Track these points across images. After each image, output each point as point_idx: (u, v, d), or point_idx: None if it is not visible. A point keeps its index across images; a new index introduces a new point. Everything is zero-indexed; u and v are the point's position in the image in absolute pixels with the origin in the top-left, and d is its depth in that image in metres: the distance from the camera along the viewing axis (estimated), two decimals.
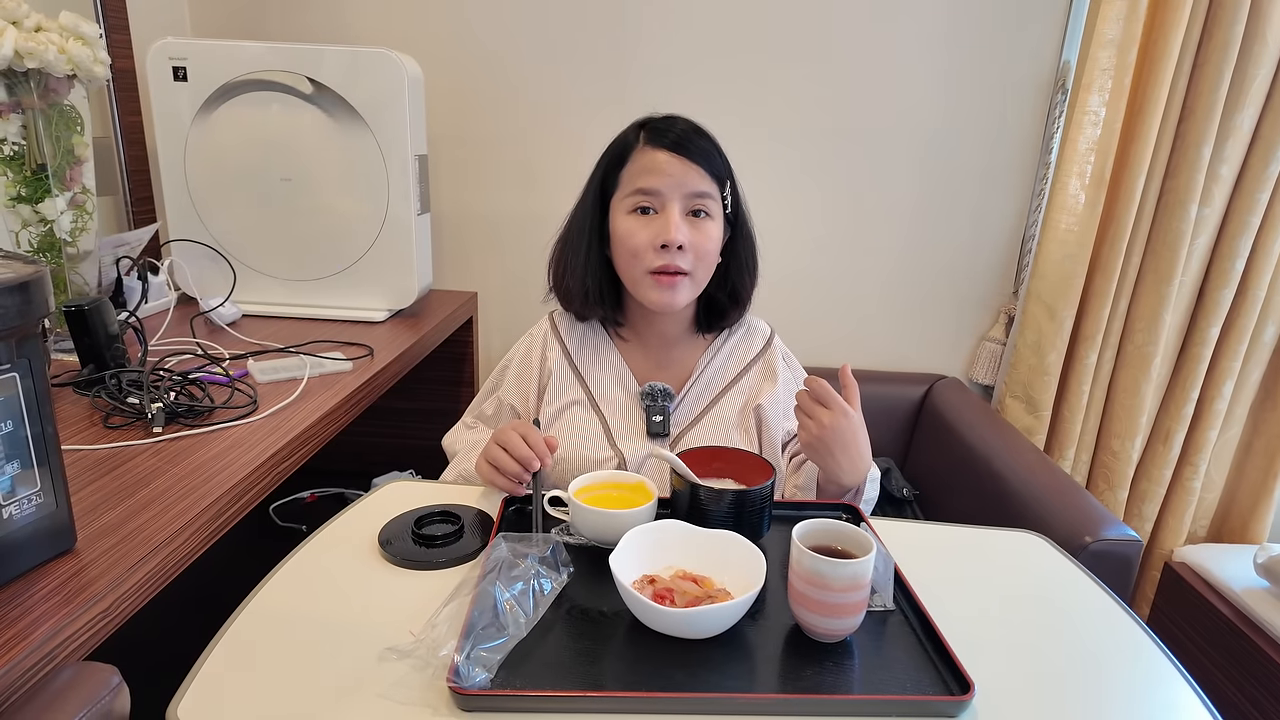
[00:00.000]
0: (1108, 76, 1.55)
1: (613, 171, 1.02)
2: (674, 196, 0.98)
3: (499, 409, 1.14)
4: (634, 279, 1.02)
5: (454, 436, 1.18)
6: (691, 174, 0.98)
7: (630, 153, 1.01)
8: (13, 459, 0.61)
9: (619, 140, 1.04)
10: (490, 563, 0.73)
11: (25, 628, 0.58)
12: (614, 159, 1.03)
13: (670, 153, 0.98)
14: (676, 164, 0.98)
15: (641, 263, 0.99)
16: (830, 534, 0.72)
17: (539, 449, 0.90)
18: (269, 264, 1.47)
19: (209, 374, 1.09)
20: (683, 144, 0.98)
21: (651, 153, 0.99)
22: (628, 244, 1.00)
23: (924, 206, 1.75)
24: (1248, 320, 1.62)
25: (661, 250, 0.97)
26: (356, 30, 1.70)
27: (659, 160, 0.98)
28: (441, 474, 1.11)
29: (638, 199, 0.99)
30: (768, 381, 1.09)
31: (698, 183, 0.98)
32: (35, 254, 1.16)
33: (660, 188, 0.98)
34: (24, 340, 0.61)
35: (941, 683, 0.65)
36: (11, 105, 1.09)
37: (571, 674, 0.64)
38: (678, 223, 0.97)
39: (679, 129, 1.00)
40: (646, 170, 0.99)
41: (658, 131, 1.00)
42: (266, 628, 0.69)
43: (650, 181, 0.98)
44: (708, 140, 1.01)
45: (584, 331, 1.12)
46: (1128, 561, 1.14)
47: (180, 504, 0.77)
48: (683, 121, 1.02)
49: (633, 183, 1.00)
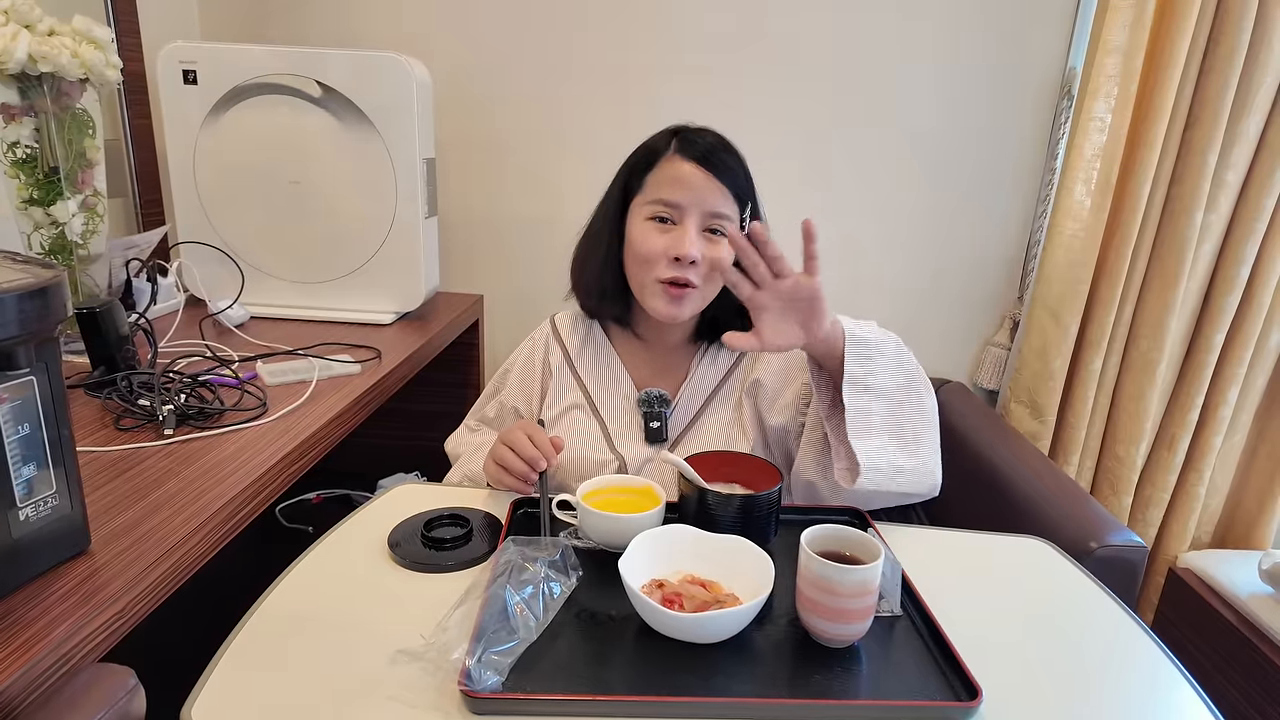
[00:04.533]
0: (1114, 83, 1.55)
1: (638, 174, 1.02)
2: (693, 211, 0.98)
3: (501, 411, 1.15)
4: (641, 285, 1.01)
5: (457, 440, 1.18)
6: (715, 192, 0.97)
7: (659, 158, 1.01)
8: (30, 461, 0.62)
9: (650, 143, 1.04)
10: (500, 566, 0.73)
11: (43, 628, 0.59)
12: (641, 161, 1.03)
13: (697, 165, 0.98)
14: (701, 178, 0.97)
15: (653, 271, 0.99)
16: (839, 539, 0.73)
17: (545, 449, 0.91)
18: (277, 266, 1.48)
19: (219, 376, 1.09)
20: (710, 158, 0.98)
21: (679, 163, 0.99)
22: (641, 249, 0.99)
23: (929, 211, 1.76)
24: (1253, 326, 1.62)
25: (674, 262, 0.97)
26: (365, 34, 1.71)
27: (684, 172, 0.98)
28: (445, 477, 1.11)
29: (658, 208, 0.99)
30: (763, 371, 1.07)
31: (719, 202, 0.98)
32: (47, 256, 1.17)
33: (682, 201, 0.97)
34: (42, 344, 0.61)
35: (949, 689, 0.65)
36: (24, 109, 1.10)
37: (580, 678, 0.65)
38: (694, 237, 0.97)
39: (709, 142, 1.00)
40: (671, 180, 0.98)
41: (688, 142, 1.00)
42: (278, 630, 0.69)
43: (673, 193, 0.98)
44: (735, 158, 1.01)
45: (584, 334, 1.12)
46: (1133, 568, 1.15)
47: (193, 506, 0.77)
48: (713, 135, 1.02)
49: (656, 190, 0.99)
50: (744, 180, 1.00)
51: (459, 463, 1.13)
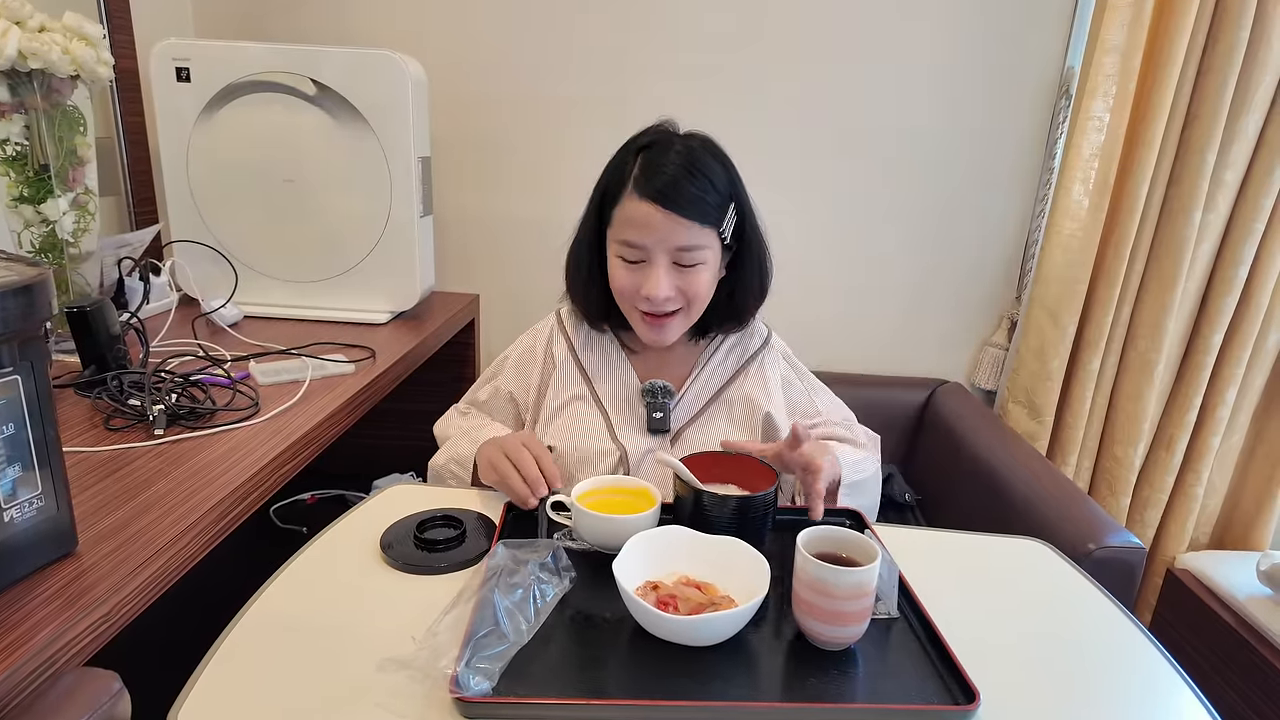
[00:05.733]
0: (1112, 82, 1.55)
1: (608, 204, 0.99)
2: (660, 251, 0.95)
3: (495, 396, 1.14)
4: (626, 311, 1.03)
5: (446, 423, 1.17)
6: (678, 229, 0.93)
7: (621, 193, 0.96)
8: (14, 462, 0.61)
9: (615, 168, 0.99)
10: (490, 570, 0.72)
11: (26, 632, 0.58)
12: (607, 192, 0.99)
13: (656, 205, 0.92)
14: (662, 218, 0.92)
15: (630, 303, 1.00)
16: (835, 541, 0.72)
17: (550, 474, 0.89)
18: (271, 265, 1.46)
19: (211, 376, 1.09)
20: (669, 195, 0.92)
21: (638, 203, 0.94)
22: (615, 284, 1.01)
23: (927, 211, 1.75)
24: (1251, 327, 1.62)
25: (647, 299, 0.97)
26: (360, 31, 1.70)
27: (644, 213, 0.93)
28: (431, 460, 1.10)
29: (624, 249, 0.97)
30: (770, 386, 1.09)
31: (684, 237, 0.94)
32: (37, 255, 1.15)
33: (646, 243, 0.95)
34: (27, 343, 0.61)
35: (947, 692, 0.64)
36: (14, 105, 1.09)
37: (573, 681, 0.64)
38: (662, 278, 0.95)
39: (669, 174, 0.93)
40: (632, 222, 0.95)
41: (649, 174, 0.94)
42: (267, 633, 0.69)
43: (635, 235, 0.95)
44: (701, 182, 0.93)
45: (588, 329, 1.12)
46: (1131, 569, 1.14)
47: (182, 507, 0.77)
48: (676, 160, 0.94)
49: (621, 230, 0.97)
50: (717, 201, 0.95)
51: (446, 445, 1.11)
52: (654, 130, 1.00)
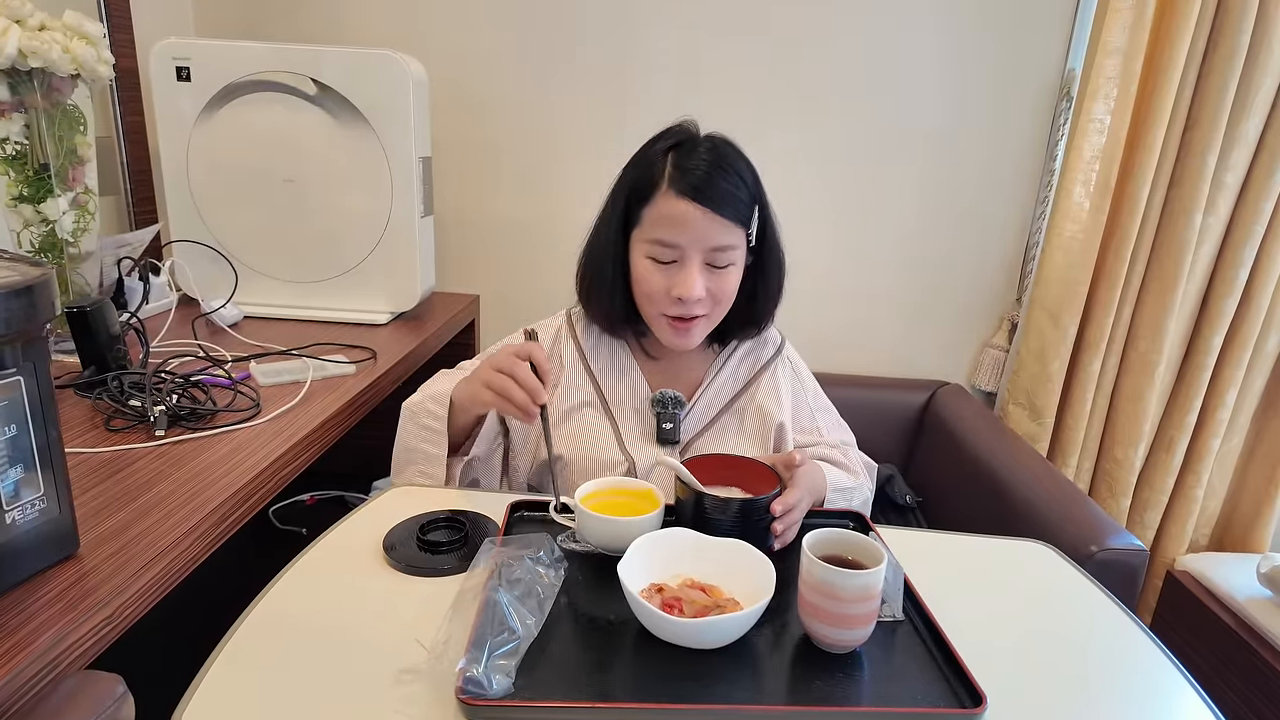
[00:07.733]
0: (1113, 85, 1.55)
1: (636, 204, 0.98)
2: (694, 250, 0.95)
3: None
4: (649, 316, 1.02)
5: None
6: (715, 227, 0.93)
7: (654, 193, 0.95)
8: (16, 463, 0.61)
9: (644, 166, 0.97)
10: (490, 568, 0.72)
11: (27, 635, 0.58)
12: (637, 191, 0.97)
13: (694, 203, 0.92)
14: (699, 216, 0.93)
15: (658, 306, 0.99)
16: (841, 544, 0.72)
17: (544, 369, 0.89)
18: (271, 265, 1.46)
19: (211, 376, 1.08)
20: (706, 192, 0.92)
21: (674, 200, 0.93)
22: (644, 287, 0.98)
23: (928, 212, 1.75)
24: (1251, 329, 1.62)
25: (678, 301, 0.96)
26: (361, 31, 1.70)
27: (680, 211, 0.93)
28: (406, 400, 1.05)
29: (656, 249, 0.96)
30: (783, 396, 1.09)
31: (720, 236, 0.94)
32: (37, 254, 1.15)
33: (681, 241, 0.94)
34: (29, 344, 0.60)
35: (953, 695, 0.64)
36: (14, 104, 1.08)
37: (578, 684, 0.64)
38: (695, 278, 0.95)
39: (704, 168, 0.93)
40: (667, 220, 0.94)
41: (683, 169, 0.94)
42: (271, 635, 0.68)
43: (671, 234, 0.94)
44: (734, 177, 0.94)
45: (599, 333, 1.10)
46: (1133, 571, 1.14)
47: (184, 509, 0.76)
48: (710, 154, 0.95)
49: (654, 229, 0.96)
50: (746, 198, 0.96)
51: (424, 385, 1.08)
52: (678, 130, 0.99)
